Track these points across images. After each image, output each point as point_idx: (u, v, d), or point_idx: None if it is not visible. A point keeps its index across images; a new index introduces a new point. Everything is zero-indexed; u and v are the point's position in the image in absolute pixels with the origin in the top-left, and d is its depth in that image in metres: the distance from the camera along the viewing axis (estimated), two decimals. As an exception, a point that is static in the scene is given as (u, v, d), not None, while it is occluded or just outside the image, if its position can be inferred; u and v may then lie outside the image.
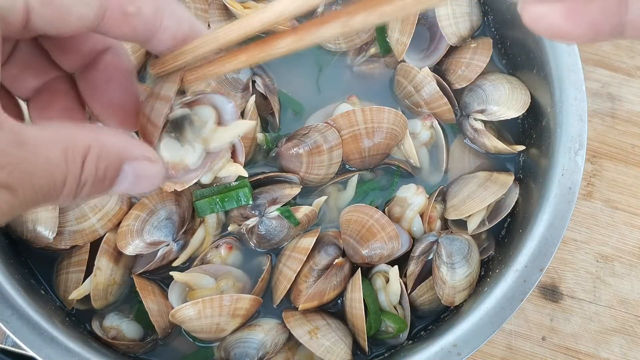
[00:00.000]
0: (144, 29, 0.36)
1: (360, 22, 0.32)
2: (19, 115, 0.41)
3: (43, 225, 0.70)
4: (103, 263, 0.71)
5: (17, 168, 0.30)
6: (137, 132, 0.42)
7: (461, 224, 0.78)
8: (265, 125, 0.80)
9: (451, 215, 0.77)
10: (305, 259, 0.72)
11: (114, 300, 0.74)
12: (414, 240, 0.76)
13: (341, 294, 0.75)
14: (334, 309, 0.77)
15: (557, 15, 0.29)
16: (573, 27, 0.29)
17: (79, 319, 0.73)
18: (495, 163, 0.82)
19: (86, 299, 0.72)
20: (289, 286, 0.72)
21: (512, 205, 0.77)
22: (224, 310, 0.69)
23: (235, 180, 0.73)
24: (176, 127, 0.43)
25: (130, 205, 0.74)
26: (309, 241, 0.73)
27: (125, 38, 0.37)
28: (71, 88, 0.41)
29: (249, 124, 0.44)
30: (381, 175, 0.81)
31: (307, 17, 0.74)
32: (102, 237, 0.72)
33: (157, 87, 0.41)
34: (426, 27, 0.83)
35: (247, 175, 0.73)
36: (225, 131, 0.43)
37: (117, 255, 0.73)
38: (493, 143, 0.78)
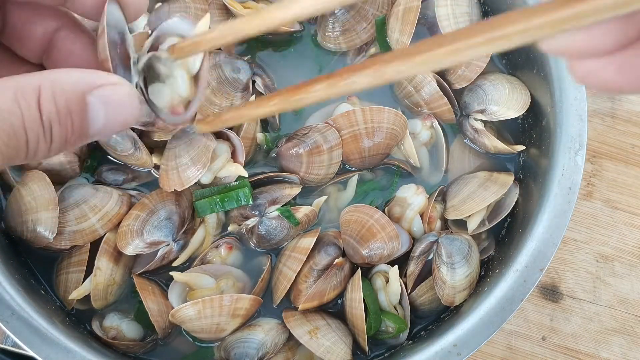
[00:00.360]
0: None
1: (394, 71, 0.32)
2: None
3: (43, 225, 0.70)
4: (103, 263, 0.71)
5: None
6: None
7: (461, 224, 0.78)
8: (265, 125, 0.80)
9: (451, 215, 0.77)
10: (305, 259, 0.72)
11: (114, 300, 0.74)
12: (414, 240, 0.76)
13: (341, 294, 0.75)
14: (334, 309, 0.77)
15: (609, 70, 0.29)
16: (626, 82, 0.29)
17: (79, 319, 0.73)
18: (495, 163, 0.82)
19: (86, 299, 0.72)
20: (289, 286, 0.72)
21: (512, 205, 0.77)
22: (224, 310, 0.69)
23: (235, 180, 0.73)
24: (150, 72, 0.43)
25: (130, 205, 0.74)
26: (309, 241, 0.73)
27: None
28: None
29: (204, 19, 0.46)
30: (381, 175, 0.81)
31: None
32: (102, 237, 0.72)
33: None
34: (426, 27, 0.83)
35: (247, 175, 0.73)
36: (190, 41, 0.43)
37: (117, 255, 0.73)
38: (493, 143, 0.78)
